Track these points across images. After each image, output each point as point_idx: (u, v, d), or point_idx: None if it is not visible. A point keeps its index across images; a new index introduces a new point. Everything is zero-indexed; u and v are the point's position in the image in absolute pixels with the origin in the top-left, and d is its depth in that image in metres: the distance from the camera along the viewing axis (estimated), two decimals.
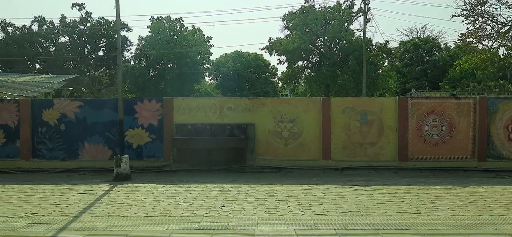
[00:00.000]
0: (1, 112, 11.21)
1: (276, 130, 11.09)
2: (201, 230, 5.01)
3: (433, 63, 55.40)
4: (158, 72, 48.60)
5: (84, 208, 6.33)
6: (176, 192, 7.59)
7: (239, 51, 59.09)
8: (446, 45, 61.97)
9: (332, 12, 28.76)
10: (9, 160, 11.13)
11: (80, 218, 5.68)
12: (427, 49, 59.11)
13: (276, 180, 9.11)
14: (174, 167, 11.01)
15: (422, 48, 58.46)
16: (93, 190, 7.91)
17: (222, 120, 11.15)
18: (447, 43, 62.59)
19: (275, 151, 11.08)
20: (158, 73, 48.33)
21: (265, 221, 5.44)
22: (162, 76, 48.31)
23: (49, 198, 7.10)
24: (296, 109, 11.11)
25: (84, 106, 11.31)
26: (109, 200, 6.88)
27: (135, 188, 8.15)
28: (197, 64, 52.50)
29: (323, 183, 8.68)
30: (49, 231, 4.99)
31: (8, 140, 11.20)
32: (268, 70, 62.48)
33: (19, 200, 6.98)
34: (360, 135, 10.99)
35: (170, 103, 11.32)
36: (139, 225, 5.27)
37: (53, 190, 7.93)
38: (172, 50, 49.45)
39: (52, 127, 11.22)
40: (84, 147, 11.22)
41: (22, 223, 5.37)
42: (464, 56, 28.21)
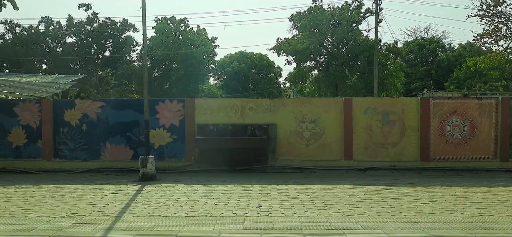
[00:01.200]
0: (23, 113, 11.23)
1: (297, 131, 11.10)
2: (248, 231, 5.02)
3: (438, 64, 55.38)
4: (162, 72, 48.63)
5: (121, 208, 6.34)
6: (207, 192, 7.60)
7: (244, 52, 59.08)
8: (450, 46, 61.99)
9: (341, 12, 28.74)
10: (31, 160, 11.16)
11: (122, 218, 5.69)
12: (431, 49, 59.10)
13: (301, 181, 9.11)
14: (196, 167, 11.02)
15: (426, 48, 58.45)
16: (123, 190, 7.92)
17: (244, 120, 11.17)
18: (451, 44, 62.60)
19: (297, 151, 11.09)
20: (163, 74, 48.36)
21: (308, 221, 5.45)
22: (166, 77, 48.33)
23: (82, 198, 7.11)
24: (318, 109, 11.12)
25: (105, 107, 11.33)
26: (144, 200, 6.89)
27: (164, 188, 8.16)
28: (202, 64, 52.57)
29: (350, 183, 8.68)
30: (97, 231, 5.01)
31: (29, 140, 11.23)
32: (273, 71, 62.62)
33: (53, 200, 6.99)
34: (382, 136, 11.00)
35: (192, 103, 11.34)
36: (184, 225, 5.28)
37: (84, 190, 7.95)
38: (177, 51, 49.54)
39: (74, 127, 11.25)
40: (106, 147, 11.24)
41: (66, 223, 5.38)
42: (481, 56, 28.11)
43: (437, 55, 59.48)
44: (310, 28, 30.22)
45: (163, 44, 50.93)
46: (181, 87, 49.51)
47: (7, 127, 11.21)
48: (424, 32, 63.49)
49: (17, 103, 11.48)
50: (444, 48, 61.66)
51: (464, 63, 49.95)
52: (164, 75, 48.48)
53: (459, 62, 53.75)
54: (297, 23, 32.06)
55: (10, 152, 11.20)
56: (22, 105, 11.34)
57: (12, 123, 11.22)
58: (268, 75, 60.48)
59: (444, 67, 54.92)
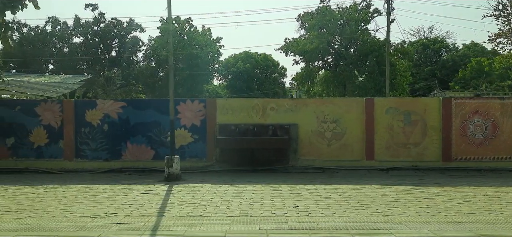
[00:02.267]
0: (44, 113, 11.25)
1: (318, 131, 11.10)
2: (294, 230, 5.03)
3: (442, 64, 55.34)
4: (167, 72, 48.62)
5: (158, 208, 6.35)
6: (237, 192, 7.61)
7: (248, 52, 59.08)
8: (454, 45, 61.89)
9: (350, 12, 28.75)
10: (53, 160, 11.17)
11: (163, 218, 5.70)
12: (436, 49, 59.04)
13: (328, 181, 9.12)
14: (217, 167, 11.03)
15: (430, 48, 58.39)
16: (153, 190, 7.93)
17: (265, 120, 11.17)
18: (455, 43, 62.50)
19: (318, 151, 11.09)
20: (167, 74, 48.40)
21: (351, 221, 5.45)
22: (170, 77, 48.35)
23: (115, 198, 7.13)
24: (339, 109, 11.13)
25: (127, 107, 11.35)
26: (177, 200, 6.90)
27: (193, 188, 8.17)
28: (207, 64, 52.62)
29: (376, 183, 8.69)
30: (145, 231, 5.02)
31: (51, 141, 11.25)
32: (277, 71, 62.63)
33: (86, 200, 7.00)
34: (404, 136, 11.00)
35: (213, 103, 11.36)
36: (228, 224, 5.28)
37: (113, 190, 7.96)
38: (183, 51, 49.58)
39: (95, 127, 11.26)
40: (127, 147, 11.25)
41: (110, 223, 5.39)
42: (497, 56, 28.11)
43: (441, 55, 59.45)
44: (318, 28, 30.24)
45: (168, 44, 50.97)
46: (186, 88, 49.59)
47: (28, 127, 11.22)
48: (428, 32, 63.46)
49: (38, 103, 11.50)
50: (448, 48, 61.60)
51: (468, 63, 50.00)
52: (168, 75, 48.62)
53: (463, 62, 53.80)
54: (305, 23, 32.11)
55: (32, 152, 11.22)
56: (43, 105, 11.35)
57: (34, 123, 11.24)
58: (272, 75, 60.56)
59: (448, 67, 54.89)
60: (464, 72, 48.41)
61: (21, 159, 11.17)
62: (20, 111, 11.28)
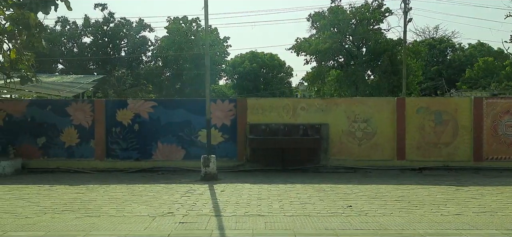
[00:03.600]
0: (75, 113, 11.27)
1: (349, 130, 11.11)
2: (361, 230, 5.04)
3: (449, 63, 55.29)
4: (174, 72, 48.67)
5: (212, 207, 6.37)
6: (281, 192, 7.62)
7: (255, 51, 59.10)
8: (460, 45, 61.80)
9: (362, 12, 28.75)
10: (84, 160, 11.20)
11: (222, 217, 5.72)
12: (442, 49, 58.98)
13: (365, 180, 9.14)
14: (248, 167, 11.04)
15: (437, 48, 58.32)
16: (196, 189, 7.95)
17: (295, 120, 11.18)
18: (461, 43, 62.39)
19: (349, 151, 11.10)
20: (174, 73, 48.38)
21: (413, 221, 5.46)
22: (178, 76, 48.36)
23: (163, 198, 7.15)
24: (370, 109, 11.13)
25: (158, 106, 11.37)
26: (227, 200, 6.91)
27: (234, 187, 8.20)
28: (215, 64, 52.60)
29: (416, 183, 8.71)
30: (212, 230, 5.04)
31: (82, 140, 11.27)
32: (283, 70, 62.64)
33: (135, 199, 7.02)
34: (435, 135, 11.00)
35: (244, 103, 11.37)
36: (292, 224, 5.29)
37: (156, 189, 7.98)
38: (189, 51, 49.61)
39: (126, 127, 11.28)
40: (158, 147, 11.27)
41: (173, 223, 5.40)
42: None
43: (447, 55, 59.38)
44: (329, 28, 30.25)
45: (175, 44, 51.05)
46: (194, 87, 49.60)
47: (59, 127, 11.25)
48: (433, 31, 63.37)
49: (69, 103, 11.54)
50: (454, 47, 61.51)
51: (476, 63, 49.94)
52: (175, 74, 48.53)
53: (470, 62, 53.76)
54: (315, 23, 32.11)
55: (63, 152, 11.25)
56: (74, 105, 11.38)
57: (65, 123, 11.26)
58: (279, 75, 60.59)
59: (455, 67, 54.83)
60: (471, 72, 48.43)
61: (52, 159, 11.20)
62: (51, 111, 11.31)
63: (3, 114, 11.23)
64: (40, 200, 6.95)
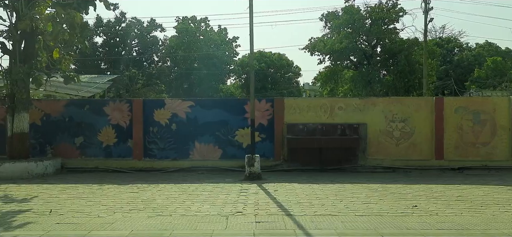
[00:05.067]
0: (113, 112, 11.31)
1: (387, 130, 11.12)
2: (444, 230, 5.03)
3: (457, 63, 55.18)
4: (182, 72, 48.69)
5: (276, 207, 6.36)
6: (335, 191, 7.62)
7: (262, 51, 59.11)
8: (467, 45, 61.67)
9: (377, 11, 28.72)
10: (122, 159, 11.23)
11: (294, 216, 5.71)
12: (450, 48, 58.86)
13: (410, 180, 9.15)
14: (285, 166, 11.07)
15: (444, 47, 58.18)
16: (249, 189, 7.96)
17: (333, 119, 11.20)
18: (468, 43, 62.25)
19: (386, 151, 11.11)
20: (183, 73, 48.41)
21: (490, 221, 5.45)
22: (186, 76, 48.37)
23: (220, 196, 7.16)
24: (408, 108, 11.14)
25: (195, 106, 11.40)
26: (287, 199, 6.91)
27: (285, 187, 8.21)
28: (224, 63, 52.66)
29: (462, 183, 8.70)
30: (294, 229, 5.04)
31: (119, 140, 11.32)
32: (291, 70, 62.64)
33: (194, 198, 7.02)
34: (473, 135, 11.00)
35: (281, 103, 11.39)
36: (369, 223, 5.30)
37: (208, 189, 7.98)
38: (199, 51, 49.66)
39: (163, 126, 11.32)
40: (195, 146, 11.30)
41: (249, 222, 5.40)
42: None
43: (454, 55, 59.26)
44: (344, 27, 30.23)
45: (184, 44, 51.09)
46: (203, 87, 49.65)
47: (97, 126, 11.29)
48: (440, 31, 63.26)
49: (107, 103, 11.57)
50: (462, 47, 61.37)
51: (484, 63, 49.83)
52: (184, 74, 48.57)
53: (478, 61, 53.64)
54: (328, 22, 32.10)
55: (101, 151, 11.29)
56: (112, 105, 11.42)
57: (102, 122, 11.31)
58: (287, 75, 60.59)
59: (463, 67, 54.70)
60: (480, 71, 48.33)
61: (90, 159, 11.24)
62: (89, 111, 11.35)
63: (41, 114, 11.26)
64: (100, 200, 6.97)
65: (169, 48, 49.10)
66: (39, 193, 7.63)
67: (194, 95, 43.99)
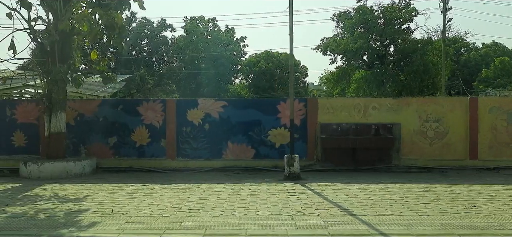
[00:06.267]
0: (146, 112, 11.31)
1: (421, 130, 11.10)
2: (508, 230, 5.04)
3: (464, 63, 55.10)
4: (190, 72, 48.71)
5: (334, 207, 6.37)
6: (383, 191, 7.62)
7: (269, 51, 59.09)
8: (474, 45, 61.56)
9: (391, 11, 28.71)
10: (155, 159, 11.24)
11: (358, 216, 5.72)
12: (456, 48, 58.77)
13: (451, 180, 9.13)
14: (319, 166, 11.06)
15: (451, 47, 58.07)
16: (295, 189, 7.97)
17: (366, 119, 11.18)
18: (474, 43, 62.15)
19: (420, 151, 11.09)
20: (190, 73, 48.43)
21: None
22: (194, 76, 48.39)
23: (272, 196, 7.17)
24: (442, 108, 11.12)
25: (228, 106, 11.39)
26: (340, 199, 6.91)
27: (330, 187, 8.20)
28: (232, 64, 52.66)
29: (506, 183, 8.70)
30: (368, 229, 5.05)
31: (152, 140, 11.31)
32: (298, 70, 62.61)
33: (245, 198, 7.03)
34: (507, 135, 10.98)
35: (315, 103, 11.38)
36: (440, 224, 5.30)
37: (253, 188, 7.99)
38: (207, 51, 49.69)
39: (196, 126, 11.31)
40: (228, 146, 11.30)
41: (316, 222, 5.42)
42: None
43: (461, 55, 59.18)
44: (356, 27, 30.23)
45: (192, 44, 51.13)
46: (211, 87, 49.66)
47: (131, 126, 11.30)
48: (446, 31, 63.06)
49: (140, 103, 11.56)
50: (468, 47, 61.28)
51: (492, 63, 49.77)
52: (191, 74, 48.61)
53: (485, 61, 53.57)
54: (341, 22, 32.08)
55: (134, 151, 11.29)
56: (145, 105, 11.42)
57: (136, 122, 11.30)
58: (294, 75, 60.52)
59: (470, 67, 54.63)
60: (488, 71, 48.27)
61: (123, 158, 11.24)
62: (122, 111, 11.35)
63: (74, 113, 11.27)
64: (154, 199, 6.98)
65: (177, 48, 49.12)
66: (87, 192, 7.65)
67: (202, 95, 44.00)
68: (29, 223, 5.43)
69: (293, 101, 11.41)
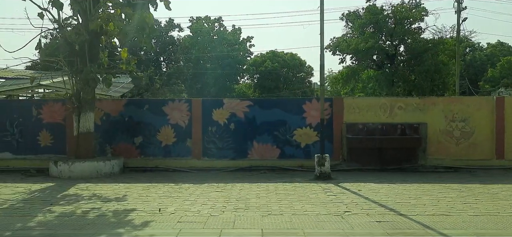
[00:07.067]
0: (172, 112, 11.31)
1: (447, 129, 11.09)
2: None
3: (469, 63, 55.01)
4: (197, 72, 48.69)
5: (379, 206, 6.37)
6: (420, 192, 7.61)
7: (275, 51, 59.07)
8: (479, 45, 61.45)
9: (402, 11, 28.69)
10: (181, 159, 11.23)
11: (408, 216, 5.72)
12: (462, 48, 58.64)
13: (484, 180, 9.11)
14: (344, 166, 11.04)
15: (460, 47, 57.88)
16: (331, 188, 7.97)
17: (392, 119, 11.17)
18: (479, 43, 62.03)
19: (446, 150, 11.07)
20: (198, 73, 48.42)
21: None
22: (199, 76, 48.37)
23: (310, 196, 7.18)
24: (468, 108, 11.10)
25: (253, 106, 11.39)
26: (380, 199, 6.90)
27: (364, 186, 8.20)
28: (239, 63, 52.66)
29: None
30: (423, 229, 5.04)
31: (178, 139, 11.31)
32: (304, 70, 62.60)
33: (285, 197, 7.03)
34: None
35: (340, 102, 11.37)
36: (492, 223, 5.30)
37: (288, 188, 7.99)
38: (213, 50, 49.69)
39: (222, 126, 11.31)
40: (253, 146, 11.30)
41: (369, 221, 5.42)
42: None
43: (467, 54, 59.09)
44: (366, 27, 30.21)
45: (198, 43, 51.12)
46: (217, 87, 49.64)
47: (156, 126, 11.30)
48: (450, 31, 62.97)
49: (166, 103, 11.55)
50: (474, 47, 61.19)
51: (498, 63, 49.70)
52: (197, 74, 48.59)
53: (491, 61, 53.47)
54: (350, 22, 32.07)
55: (159, 151, 11.28)
56: (171, 105, 11.41)
57: (161, 122, 11.30)
58: (299, 74, 60.51)
59: (476, 67, 54.57)
60: (494, 71, 48.21)
61: (149, 158, 11.24)
62: (148, 110, 11.35)
63: (101, 113, 11.27)
64: (195, 198, 6.99)
65: (183, 48, 49.12)
66: (125, 192, 7.66)
67: (208, 95, 43.99)
68: (82, 222, 5.44)
69: (318, 101, 11.46)
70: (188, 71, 44.83)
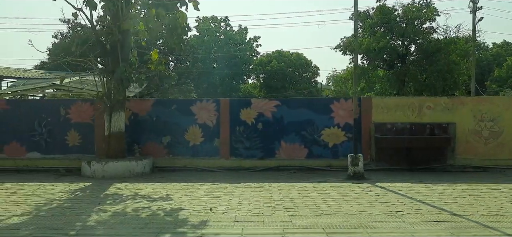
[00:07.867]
0: (200, 112, 11.32)
1: (475, 129, 11.07)
2: None
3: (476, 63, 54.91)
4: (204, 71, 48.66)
5: (428, 206, 6.36)
6: (460, 192, 7.59)
7: (281, 51, 59.05)
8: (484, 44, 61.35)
9: (413, 11, 28.65)
10: (209, 158, 11.24)
11: (459, 216, 5.71)
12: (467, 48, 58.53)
13: None
14: (373, 166, 11.03)
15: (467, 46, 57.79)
16: (369, 188, 7.96)
17: (421, 119, 11.16)
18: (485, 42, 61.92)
19: (474, 150, 11.06)
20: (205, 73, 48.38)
21: None
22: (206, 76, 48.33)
23: (354, 196, 7.16)
24: (498, 108, 11.10)
25: (281, 106, 11.38)
26: (425, 199, 6.89)
27: (403, 186, 8.19)
28: (246, 63, 52.67)
29: None
30: (476, 228, 5.03)
31: (206, 139, 11.31)
32: (310, 70, 62.58)
33: (328, 197, 7.02)
34: None
35: (369, 102, 11.37)
36: None
37: (327, 188, 7.99)
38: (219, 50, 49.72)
39: (250, 126, 11.31)
40: (281, 146, 11.29)
41: (427, 221, 5.41)
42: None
43: None
44: (377, 26, 30.18)
45: (205, 43, 51.16)
46: (224, 87, 49.66)
47: (184, 126, 11.30)
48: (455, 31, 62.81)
49: (194, 102, 11.56)
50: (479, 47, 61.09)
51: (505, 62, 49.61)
52: (203, 74, 48.55)
53: (497, 61, 53.38)
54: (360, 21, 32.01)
55: (187, 150, 11.29)
56: (199, 104, 11.42)
57: (189, 122, 11.31)
58: (305, 74, 60.50)
59: (482, 66, 54.51)
60: (500, 71, 48.13)
61: (177, 157, 11.24)
62: (176, 110, 11.36)
63: (129, 113, 11.27)
64: (238, 198, 6.98)
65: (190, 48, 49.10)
66: (165, 191, 7.66)
67: (215, 95, 43.98)
68: (139, 221, 5.44)
69: (347, 100, 11.47)
70: (197, 71, 44.74)
